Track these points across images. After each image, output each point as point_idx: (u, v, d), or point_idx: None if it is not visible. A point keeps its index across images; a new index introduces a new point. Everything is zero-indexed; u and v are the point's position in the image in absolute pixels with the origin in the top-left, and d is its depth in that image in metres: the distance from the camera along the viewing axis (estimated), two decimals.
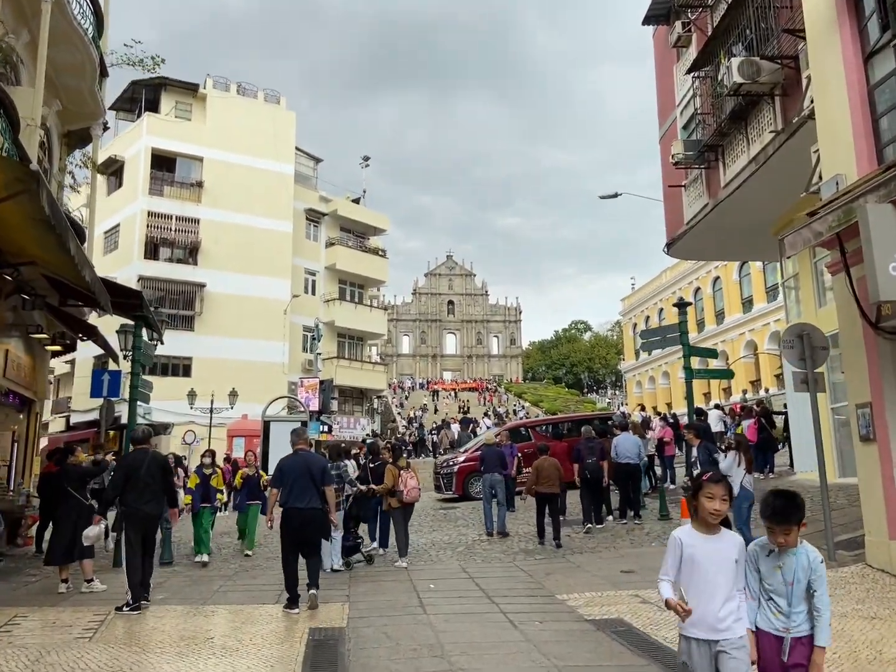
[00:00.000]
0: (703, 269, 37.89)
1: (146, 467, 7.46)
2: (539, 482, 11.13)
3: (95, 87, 13.41)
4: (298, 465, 7.40)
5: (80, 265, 7.61)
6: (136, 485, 7.36)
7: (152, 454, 7.84)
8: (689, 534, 3.44)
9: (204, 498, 10.68)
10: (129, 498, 7.35)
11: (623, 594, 7.63)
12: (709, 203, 14.96)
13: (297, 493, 7.23)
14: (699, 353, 12.20)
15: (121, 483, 7.41)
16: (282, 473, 7.43)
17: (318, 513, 7.32)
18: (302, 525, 7.22)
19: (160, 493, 7.64)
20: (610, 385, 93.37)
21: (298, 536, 7.27)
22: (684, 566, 3.39)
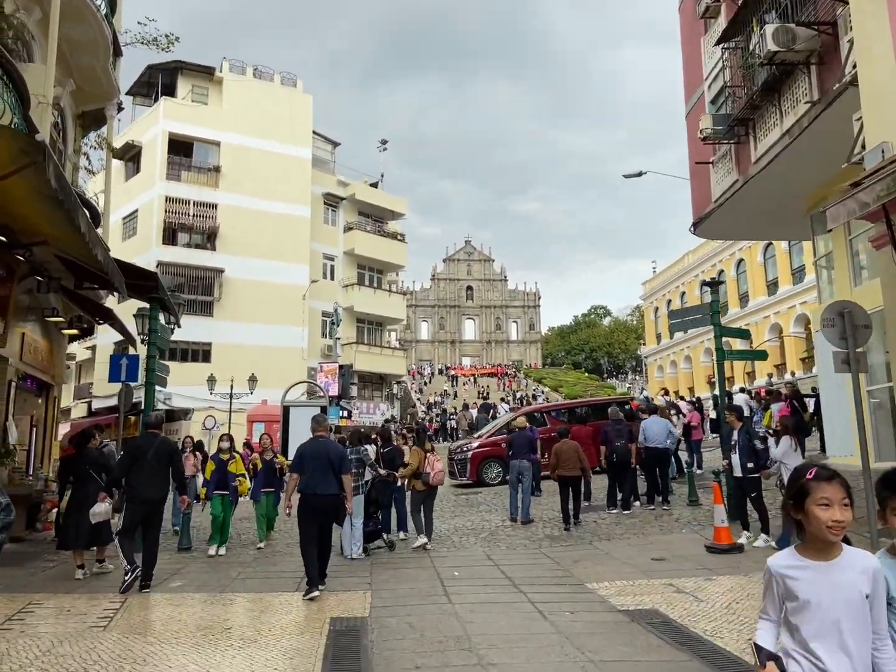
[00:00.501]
0: (727, 252, 37.14)
1: (154, 451, 7.51)
2: (560, 465, 11.09)
3: (109, 65, 13.16)
4: (318, 452, 7.45)
5: (92, 244, 7.37)
6: (142, 468, 7.39)
7: (161, 439, 7.90)
8: (792, 561, 2.32)
9: (220, 484, 10.06)
10: (133, 480, 7.40)
11: (656, 583, 7.32)
12: (738, 179, 14.43)
13: (317, 480, 7.29)
14: (731, 333, 11.75)
15: (127, 464, 7.48)
16: (301, 459, 7.47)
17: (336, 499, 7.40)
18: (320, 510, 7.31)
19: (166, 478, 7.67)
20: (630, 370, 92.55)
21: (316, 521, 7.34)
22: (793, 609, 2.29)
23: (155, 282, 10.47)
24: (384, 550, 9.71)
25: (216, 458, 10.29)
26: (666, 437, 11.64)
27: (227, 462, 10.18)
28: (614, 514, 11.52)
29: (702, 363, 40.16)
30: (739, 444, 8.68)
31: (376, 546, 9.75)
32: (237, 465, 10.32)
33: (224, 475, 10.09)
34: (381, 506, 10.14)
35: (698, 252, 40.83)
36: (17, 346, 11.04)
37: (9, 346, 10.45)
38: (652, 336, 48.32)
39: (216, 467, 10.14)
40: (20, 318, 11.10)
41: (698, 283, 40.28)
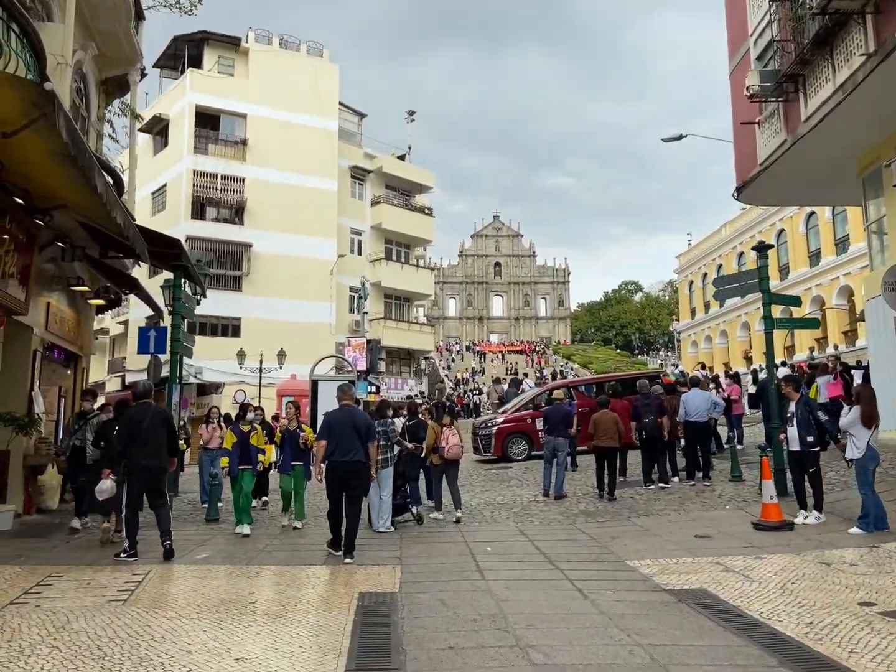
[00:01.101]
0: (767, 222, 35.96)
1: (149, 421, 7.54)
2: (597, 436, 10.91)
3: (131, 29, 12.81)
4: (344, 420, 7.58)
5: (110, 205, 7.08)
6: (139, 439, 7.43)
7: (154, 408, 7.94)
8: None
9: (243, 459, 9.18)
10: (131, 452, 7.42)
11: (702, 561, 6.90)
12: (787, 139, 13.66)
13: (343, 447, 7.41)
14: (782, 300, 11.14)
15: (125, 437, 7.50)
16: (329, 427, 7.60)
17: (362, 466, 7.55)
18: (346, 477, 7.44)
19: (163, 447, 7.69)
20: (661, 346, 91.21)
21: (343, 487, 7.49)
22: None
23: (179, 249, 10.19)
24: (413, 524, 9.43)
25: (236, 429, 9.44)
26: (707, 410, 11.12)
27: (249, 434, 9.33)
28: (651, 489, 11.09)
29: (738, 338, 39.16)
30: (798, 417, 8.14)
31: (405, 520, 9.46)
32: (258, 438, 9.43)
33: (247, 448, 9.24)
34: (408, 479, 9.85)
35: (736, 223, 39.62)
36: (43, 315, 10.88)
37: (33, 315, 10.29)
38: (686, 310, 47.27)
39: (237, 439, 9.26)
40: (45, 288, 10.94)
41: (736, 255, 39.17)
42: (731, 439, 11.30)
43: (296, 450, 9.58)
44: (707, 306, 43.35)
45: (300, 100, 34.42)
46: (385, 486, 8.84)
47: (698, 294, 44.99)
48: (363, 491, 7.90)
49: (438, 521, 9.79)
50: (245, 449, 9.18)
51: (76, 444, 9.26)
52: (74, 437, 9.32)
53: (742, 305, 38.31)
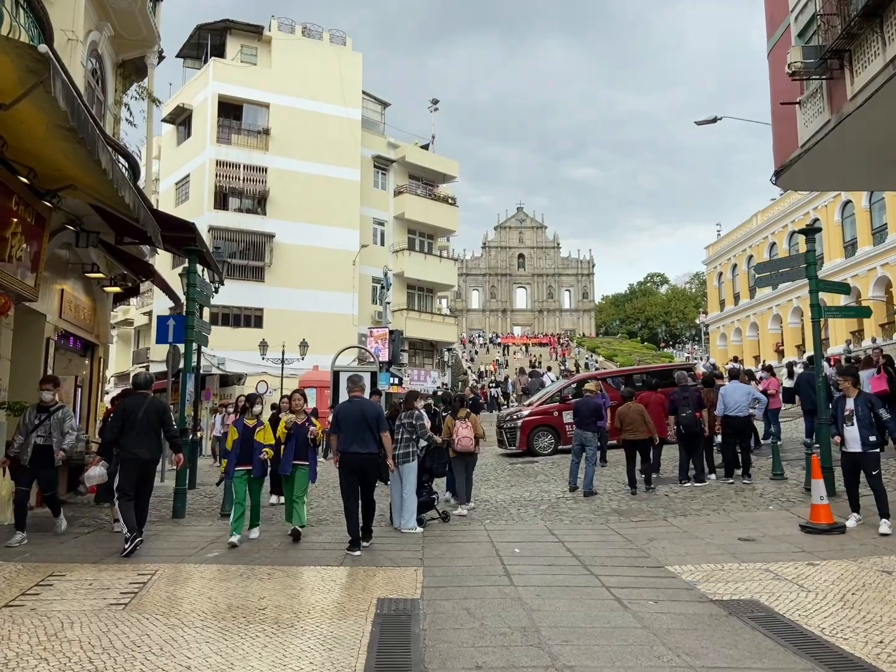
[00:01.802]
0: (800, 211, 34.86)
1: (143, 412, 7.46)
2: (624, 429, 10.61)
3: (148, 9, 12.46)
4: (354, 412, 7.58)
5: (117, 183, 6.68)
6: (133, 429, 7.35)
7: (151, 399, 7.81)
8: None
9: (245, 457, 7.94)
10: (124, 442, 7.33)
11: (749, 568, 6.35)
12: (831, 119, 12.90)
13: (353, 438, 7.41)
14: (830, 287, 10.45)
15: (118, 426, 7.41)
16: (338, 420, 7.65)
17: (375, 457, 7.53)
18: (358, 469, 7.43)
19: (157, 439, 7.63)
20: (689, 339, 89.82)
21: (357, 479, 7.47)
22: None
23: (193, 233, 9.82)
24: (437, 522, 8.97)
25: (239, 423, 8.18)
26: (748, 404, 10.50)
27: (254, 430, 8.09)
28: (687, 487, 10.52)
29: (770, 330, 38.11)
30: (859, 415, 7.47)
31: (430, 517, 9.01)
32: (265, 434, 8.16)
33: (250, 446, 8.01)
34: (434, 475, 9.40)
35: (768, 212, 38.54)
36: (56, 302, 10.60)
37: (46, 301, 10.00)
38: (715, 302, 46.21)
39: (240, 436, 8.04)
40: (58, 274, 10.65)
41: (768, 245, 38.11)
42: (773, 435, 10.67)
43: (301, 447, 8.18)
44: (737, 298, 42.30)
45: (323, 89, 34.04)
46: (408, 482, 8.40)
47: (727, 285, 43.94)
48: (379, 479, 8.03)
49: (462, 517, 9.37)
50: (248, 447, 7.97)
51: (39, 443, 7.71)
52: (35, 435, 7.74)
53: (774, 297, 37.29)
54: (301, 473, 8.10)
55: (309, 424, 8.24)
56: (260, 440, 8.03)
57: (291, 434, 8.16)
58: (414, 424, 8.56)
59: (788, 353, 35.68)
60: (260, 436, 8.06)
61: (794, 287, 35.42)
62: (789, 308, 36.29)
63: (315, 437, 8.19)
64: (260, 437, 8.05)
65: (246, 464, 7.93)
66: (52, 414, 7.85)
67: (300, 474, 8.09)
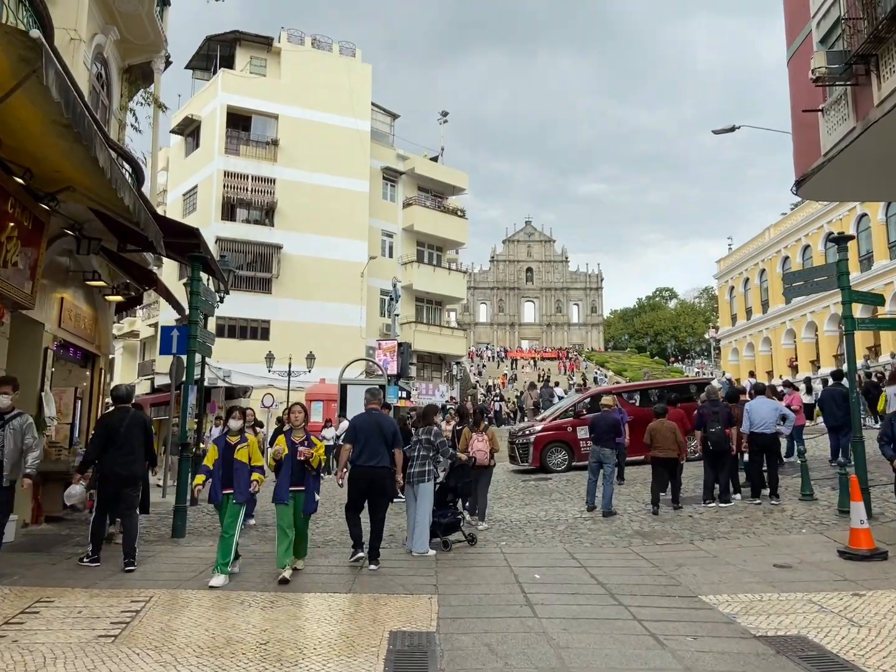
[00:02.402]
0: (814, 225, 34.39)
1: (126, 427, 7.30)
2: (654, 446, 10.24)
3: (155, 13, 12.20)
4: (371, 424, 7.45)
5: (115, 184, 6.32)
6: (115, 444, 7.18)
7: (133, 413, 7.64)
8: None
9: (227, 480, 6.85)
10: (105, 457, 7.18)
11: (790, 598, 5.87)
12: (856, 127, 12.49)
13: (369, 452, 7.28)
14: (863, 298, 10.00)
15: (101, 442, 7.25)
16: (355, 431, 7.50)
17: (387, 471, 7.38)
18: (371, 482, 7.31)
19: (139, 454, 7.45)
20: (697, 354, 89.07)
21: (366, 493, 7.36)
22: None
23: (197, 239, 9.45)
24: (462, 545, 8.43)
25: (221, 441, 7.09)
26: (776, 421, 10.02)
27: (236, 447, 6.95)
28: (712, 507, 10.02)
29: (783, 345, 37.53)
30: None
31: (456, 539, 8.46)
32: (250, 452, 6.97)
33: (230, 466, 6.89)
34: (459, 494, 8.88)
35: (781, 226, 38.10)
36: (55, 310, 10.24)
37: (44, 309, 9.64)
38: (727, 317, 45.64)
39: (220, 455, 6.94)
40: (58, 282, 10.29)
41: (780, 259, 37.61)
42: (801, 453, 10.17)
43: (297, 469, 6.94)
44: (749, 312, 41.76)
45: (332, 100, 33.88)
46: (422, 502, 7.93)
47: (739, 300, 43.39)
48: (387, 499, 7.70)
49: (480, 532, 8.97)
50: (228, 468, 6.85)
51: None
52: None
53: (787, 312, 36.75)
54: (296, 500, 6.90)
55: (305, 445, 6.97)
56: (241, 459, 6.90)
57: (283, 460, 6.94)
58: (432, 441, 8.11)
59: (803, 368, 35.09)
60: (242, 454, 6.92)
61: (808, 301, 34.88)
62: (803, 323, 35.73)
63: (308, 459, 6.87)
64: (241, 456, 6.91)
65: (227, 487, 6.88)
66: (7, 422, 6.51)
67: (298, 501, 6.91)
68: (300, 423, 7.13)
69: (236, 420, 7.19)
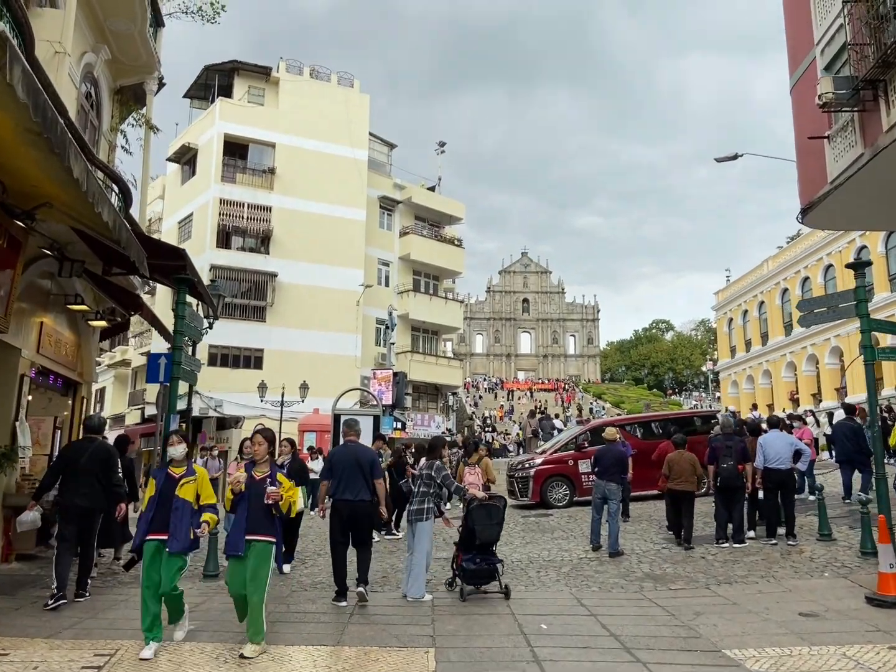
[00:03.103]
0: (814, 257, 34.23)
1: (87, 457, 7.10)
2: (672, 478, 9.89)
3: (147, 32, 11.92)
4: (348, 457, 7.28)
5: (92, 197, 5.89)
6: (74, 475, 7.00)
7: (97, 444, 7.40)
8: None
9: (159, 524, 5.49)
10: (64, 488, 7.05)
11: (823, 653, 5.32)
12: (864, 153, 12.21)
13: (346, 485, 7.11)
14: (883, 327, 9.58)
15: (58, 470, 7.14)
16: (332, 465, 7.35)
17: (367, 505, 7.18)
18: (351, 517, 7.11)
19: (98, 486, 7.17)
20: (694, 386, 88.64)
21: (347, 528, 7.15)
22: None
23: (184, 261, 9.01)
24: (449, 590, 7.81)
25: (160, 473, 5.76)
26: (791, 456, 9.52)
27: (178, 482, 5.63)
28: (725, 548, 9.46)
29: (783, 378, 37.10)
30: None
31: (489, 590, 7.48)
32: (198, 488, 5.66)
33: (167, 504, 5.52)
34: (484, 541, 7.64)
35: (779, 258, 37.96)
36: (34, 335, 9.74)
37: (21, 334, 9.15)
38: (725, 349, 45.26)
39: (156, 491, 5.62)
40: (37, 305, 9.82)
41: (780, 291, 37.39)
42: (818, 489, 9.65)
43: (258, 515, 5.52)
44: (748, 344, 41.40)
45: (330, 129, 33.83)
46: (419, 542, 7.32)
47: (738, 331, 43.07)
48: (369, 532, 7.52)
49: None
50: (165, 507, 5.52)
51: None
52: None
53: (787, 344, 36.41)
54: (260, 551, 5.46)
55: (269, 483, 5.56)
56: (185, 497, 5.54)
57: (242, 494, 5.57)
58: (433, 476, 7.51)
59: (804, 401, 34.60)
60: (188, 490, 5.55)
61: (808, 333, 34.55)
62: (804, 355, 35.37)
63: (277, 503, 5.54)
64: (187, 493, 5.54)
65: (160, 531, 5.45)
66: None
67: (258, 553, 5.45)
68: (262, 457, 5.77)
69: (175, 446, 5.73)
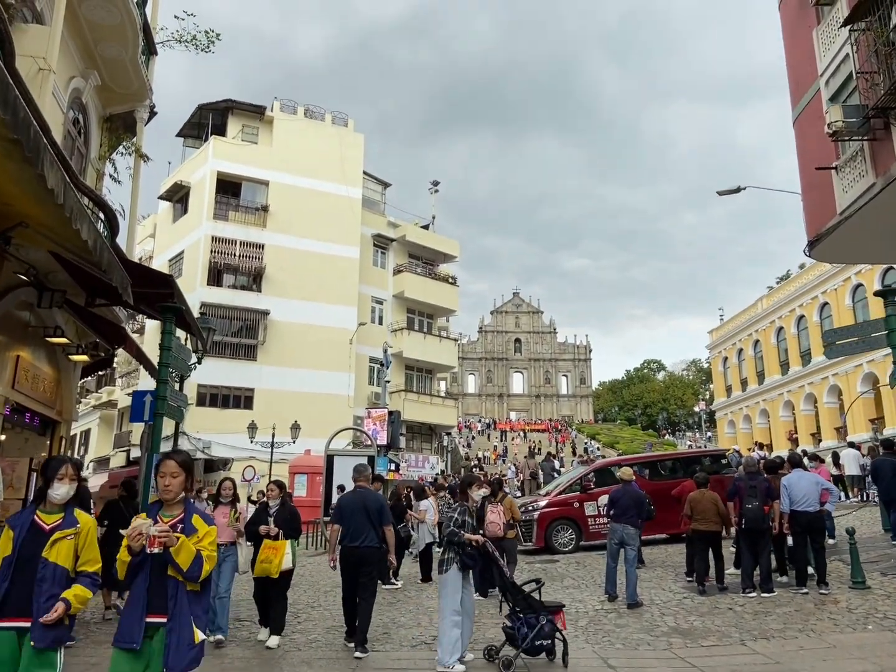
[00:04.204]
0: (808, 296, 34.09)
1: None
2: (695, 518, 9.47)
3: (139, 59, 11.57)
4: (356, 503, 7.22)
5: (70, 211, 5.35)
6: None
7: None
8: None
9: (19, 600, 3.49)
10: None
11: None
12: (875, 183, 11.92)
13: (354, 532, 7.04)
14: None
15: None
16: (341, 510, 7.29)
17: (375, 551, 7.10)
18: (356, 563, 7.00)
19: None
20: (688, 426, 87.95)
21: (354, 574, 7.04)
22: None
23: (171, 289, 8.44)
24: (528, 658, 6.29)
25: (23, 519, 3.74)
26: (819, 496, 8.90)
27: (49, 537, 3.67)
28: (753, 598, 8.76)
29: (781, 418, 36.59)
30: None
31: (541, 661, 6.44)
32: (79, 546, 3.73)
33: (30, 572, 3.56)
34: (514, 605, 6.43)
35: (773, 297, 37.86)
36: (9, 370, 9.09)
37: None
38: (721, 388, 44.82)
39: (14, 548, 3.60)
40: (14, 338, 9.19)
41: (774, 329, 37.18)
42: (851, 532, 9.00)
43: (160, 584, 3.49)
44: (744, 383, 41.01)
45: (324, 167, 33.71)
46: (442, 599, 6.39)
47: (734, 371, 42.70)
48: (373, 581, 7.24)
49: None
50: (27, 577, 3.55)
51: None
52: None
53: (784, 383, 36.05)
54: (157, 641, 3.43)
55: (180, 530, 3.58)
56: (55, 560, 3.61)
57: (142, 557, 3.48)
58: (449, 524, 6.60)
59: (803, 441, 34.05)
60: (61, 549, 3.64)
61: (805, 373, 34.24)
62: (801, 394, 34.96)
63: (200, 564, 3.52)
64: (59, 554, 3.63)
65: (16, 616, 3.50)
66: None
67: (154, 645, 3.44)
68: (173, 496, 3.69)
69: (63, 483, 3.72)
